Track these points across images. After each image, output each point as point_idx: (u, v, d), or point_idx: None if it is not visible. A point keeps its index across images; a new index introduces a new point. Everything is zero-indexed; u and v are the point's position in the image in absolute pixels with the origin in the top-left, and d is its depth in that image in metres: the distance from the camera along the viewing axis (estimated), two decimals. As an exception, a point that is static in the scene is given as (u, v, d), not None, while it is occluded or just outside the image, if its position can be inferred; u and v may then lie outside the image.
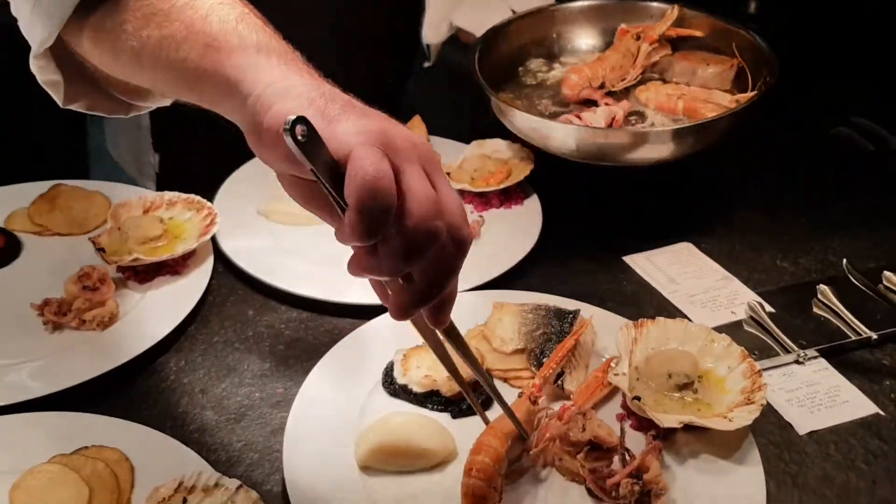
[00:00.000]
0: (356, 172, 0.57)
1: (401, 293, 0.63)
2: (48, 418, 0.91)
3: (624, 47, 1.39)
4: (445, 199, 0.62)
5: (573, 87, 1.35)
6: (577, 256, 1.28)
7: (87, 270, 1.07)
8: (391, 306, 0.65)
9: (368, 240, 0.59)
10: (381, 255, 0.60)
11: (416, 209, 0.59)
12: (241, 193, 1.30)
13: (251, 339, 1.08)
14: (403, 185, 0.60)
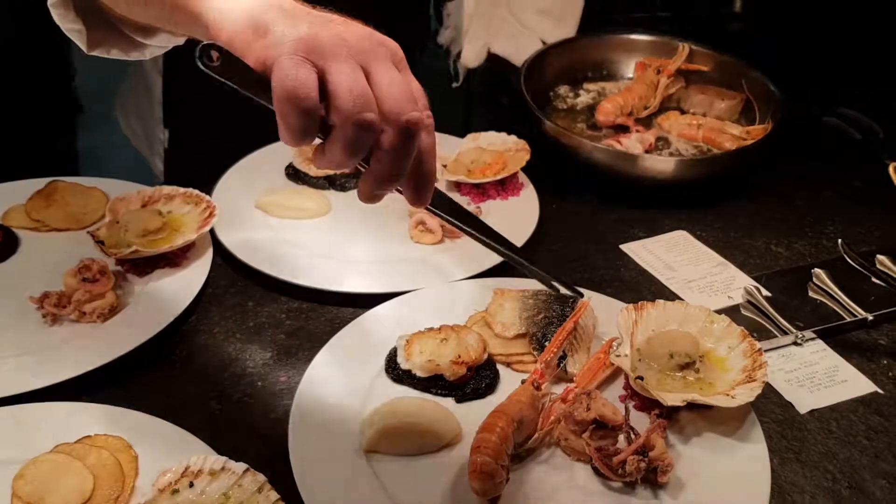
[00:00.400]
0: (274, 85, 0.61)
1: (362, 180, 0.66)
2: (50, 408, 0.90)
3: (647, 79, 1.57)
4: (385, 89, 0.63)
5: (608, 115, 1.52)
6: (575, 245, 1.29)
7: (86, 262, 1.07)
8: (361, 188, 0.67)
9: (301, 142, 0.62)
10: (326, 151, 0.63)
11: (342, 105, 0.61)
12: (238, 188, 1.31)
13: (252, 329, 1.08)
14: (329, 84, 0.62)
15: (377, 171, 0.65)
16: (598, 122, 1.54)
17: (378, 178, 0.65)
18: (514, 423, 0.87)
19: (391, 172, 0.65)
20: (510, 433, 0.86)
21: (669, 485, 0.86)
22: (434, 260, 1.20)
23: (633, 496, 0.86)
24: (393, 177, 0.65)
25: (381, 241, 1.24)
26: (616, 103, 1.53)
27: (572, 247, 1.29)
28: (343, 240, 1.23)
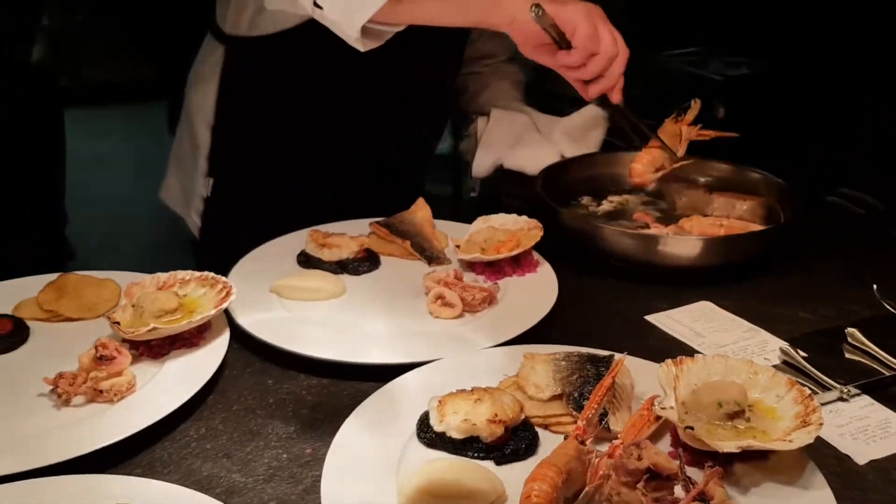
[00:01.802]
0: (580, 34, 1.15)
1: (595, 84, 1.22)
2: (72, 481, 0.84)
3: (669, 131, 1.55)
4: (619, 39, 1.20)
5: (643, 172, 1.53)
6: (598, 318, 1.27)
7: (103, 341, 1.03)
8: (586, 90, 1.23)
9: (583, 61, 1.18)
10: (590, 67, 1.19)
11: (605, 46, 1.18)
12: (251, 275, 1.29)
13: (273, 405, 1.03)
14: (600, 34, 1.17)
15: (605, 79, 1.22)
16: (634, 184, 1.55)
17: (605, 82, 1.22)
18: (564, 475, 0.81)
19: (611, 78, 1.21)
20: (560, 484, 0.80)
21: (735, 536, 0.80)
22: (455, 332, 1.17)
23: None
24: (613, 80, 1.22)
25: (399, 317, 1.21)
26: (645, 160, 1.54)
27: (595, 319, 1.26)
28: (360, 317, 1.20)
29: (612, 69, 1.19)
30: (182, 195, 1.66)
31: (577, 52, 1.16)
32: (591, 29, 1.14)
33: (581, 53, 1.16)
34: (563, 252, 1.39)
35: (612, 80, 1.20)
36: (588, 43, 1.14)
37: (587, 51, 1.16)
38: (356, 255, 1.34)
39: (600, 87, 1.21)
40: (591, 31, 1.14)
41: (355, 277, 1.32)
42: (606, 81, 1.20)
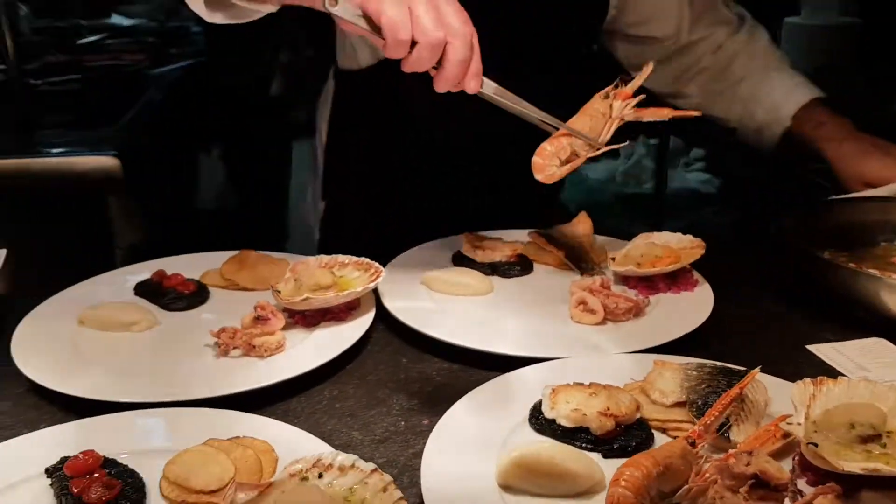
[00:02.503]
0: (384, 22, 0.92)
1: (436, 77, 0.97)
2: (211, 413, 0.95)
3: (593, 110, 1.22)
4: (447, 18, 0.94)
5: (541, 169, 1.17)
6: (754, 341, 1.20)
7: (262, 304, 1.15)
8: (435, 83, 0.97)
9: (403, 54, 0.94)
10: (414, 58, 0.95)
11: (421, 32, 0.93)
12: (405, 268, 1.36)
13: (402, 380, 1.09)
14: (416, 13, 0.93)
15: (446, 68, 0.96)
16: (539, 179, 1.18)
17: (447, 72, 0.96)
18: (661, 467, 0.79)
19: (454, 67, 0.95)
20: (655, 475, 0.78)
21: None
22: (592, 337, 1.17)
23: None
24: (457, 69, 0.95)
25: (539, 318, 1.23)
26: (546, 151, 1.17)
27: (749, 343, 1.20)
28: (500, 314, 1.23)
29: (448, 55, 0.94)
30: (312, 212, 1.75)
31: (388, 45, 0.93)
32: (397, 13, 0.91)
33: (392, 46, 0.93)
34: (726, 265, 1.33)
35: (454, 69, 0.95)
36: (394, 30, 0.91)
37: (396, 41, 0.92)
38: (508, 258, 1.38)
39: (443, 79, 0.96)
40: (398, 16, 0.91)
41: (505, 279, 1.35)
42: (448, 70, 0.95)
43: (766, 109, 1.59)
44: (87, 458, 0.82)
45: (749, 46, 1.63)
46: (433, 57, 0.94)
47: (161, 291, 1.26)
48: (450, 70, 0.95)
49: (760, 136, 1.63)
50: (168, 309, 1.24)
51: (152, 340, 1.16)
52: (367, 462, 0.80)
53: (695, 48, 1.65)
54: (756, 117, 1.61)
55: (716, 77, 1.66)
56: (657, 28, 1.62)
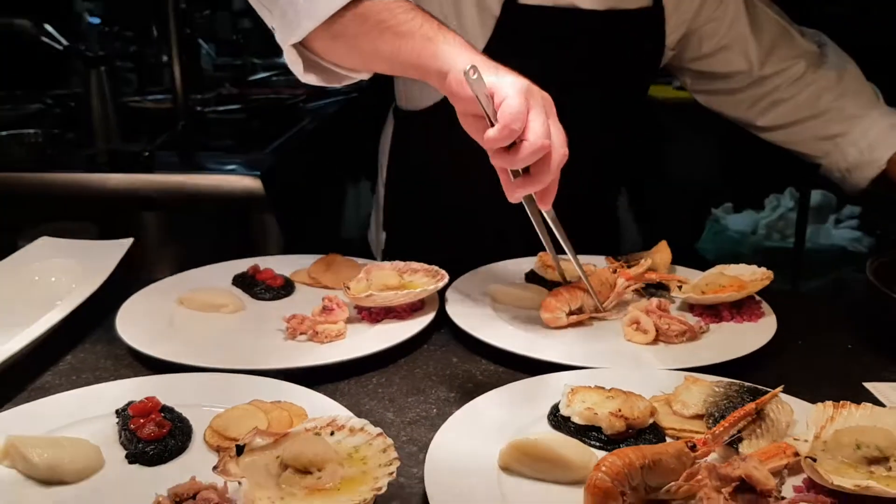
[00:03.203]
0: (505, 108, 0.95)
1: (519, 181, 1.01)
2: (262, 381, 1.06)
3: (600, 276, 1.34)
4: (553, 131, 0.99)
5: (551, 311, 1.28)
6: (809, 373, 1.18)
7: (329, 296, 1.26)
8: (517, 186, 1.00)
9: (505, 143, 0.96)
10: (512, 155, 0.97)
11: (533, 133, 0.96)
12: (477, 281, 1.43)
13: (447, 376, 1.16)
14: (530, 117, 0.96)
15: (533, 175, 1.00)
16: (544, 321, 1.28)
17: (531, 180, 1.00)
18: (648, 461, 0.82)
19: (540, 176, 0.99)
20: (638, 466, 0.81)
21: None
22: (641, 355, 1.19)
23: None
24: (540, 180, 1.00)
25: (592, 333, 1.27)
26: (561, 297, 1.29)
27: (803, 375, 1.18)
28: (556, 329, 1.28)
29: (551, 166, 0.97)
30: (375, 241, 1.84)
31: (498, 127, 0.94)
32: (520, 106, 0.94)
33: (501, 130, 0.94)
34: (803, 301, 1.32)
35: (541, 179, 0.98)
36: (511, 119, 0.93)
37: (508, 129, 0.94)
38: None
39: (526, 184, 1.00)
40: (519, 109, 0.94)
41: (571, 297, 1.40)
42: (535, 179, 0.99)
43: (860, 150, 1.55)
44: (147, 402, 0.95)
45: (839, 84, 1.59)
46: (533, 159, 0.96)
47: (253, 283, 1.41)
48: (539, 178, 0.98)
49: (849, 176, 1.58)
50: (256, 298, 1.39)
51: (236, 321, 1.31)
52: (375, 427, 0.88)
53: (770, 80, 1.61)
54: (848, 157, 1.57)
55: (797, 110, 1.62)
56: (724, 64, 1.61)
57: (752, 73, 1.61)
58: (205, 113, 2.95)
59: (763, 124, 1.66)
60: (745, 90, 1.65)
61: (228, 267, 1.49)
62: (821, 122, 1.61)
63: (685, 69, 1.69)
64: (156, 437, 0.91)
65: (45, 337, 1.16)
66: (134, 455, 0.90)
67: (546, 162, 0.97)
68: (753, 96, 1.65)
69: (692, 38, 1.60)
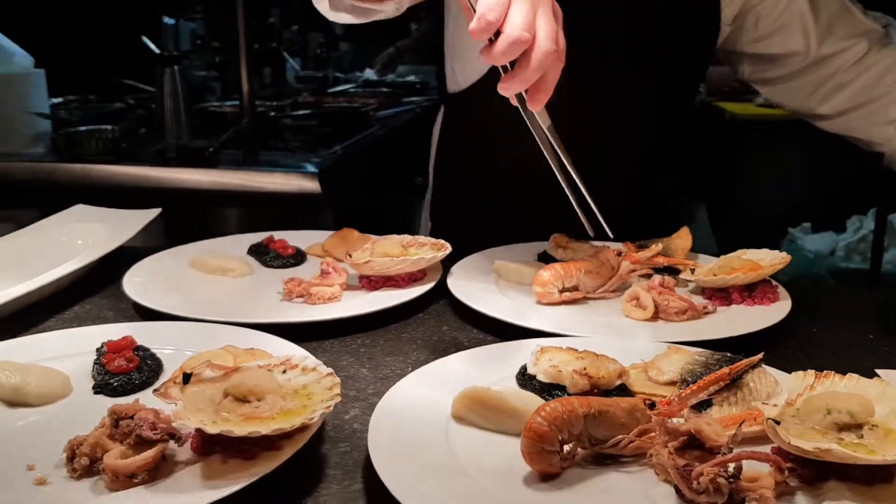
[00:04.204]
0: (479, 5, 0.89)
1: (504, 77, 0.91)
2: (244, 331, 1.08)
3: (604, 258, 1.30)
4: (539, 24, 0.88)
5: (544, 284, 1.24)
6: (819, 356, 1.12)
7: (327, 261, 1.28)
8: (502, 81, 0.91)
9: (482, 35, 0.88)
10: (494, 49, 0.89)
11: (510, 24, 0.87)
12: (487, 258, 1.42)
13: (433, 342, 1.15)
14: (511, 7, 0.88)
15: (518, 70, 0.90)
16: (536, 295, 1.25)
17: (517, 74, 0.90)
18: (594, 411, 0.79)
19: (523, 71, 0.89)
20: (581, 415, 0.78)
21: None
22: (635, 331, 1.15)
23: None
24: (525, 75, 0.89)
25: (590, 307, 1.24)
26: (556, 272, 1.25)
27: (811, 356, 1.12)
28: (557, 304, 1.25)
29: (531, 61, 0.88)
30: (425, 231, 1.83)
31: (475, 18, 0.87)
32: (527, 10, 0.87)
33: (477, 20, 0.87)
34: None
35: (523, 76, 0.89)
36: (486, 9, 0.86)
37: (483, 20, 0.86)
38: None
39: (508, 79, 0.91)
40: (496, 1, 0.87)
41: (579, 277, 1.37)
42: (516, 75, 0.90)
43: None
44: (123, 341, 0.98)
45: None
46: (512, 52, 0.89)
47: (265, 251, 1.44)
48: (520, 73, 0.90)
49: None
50: (266, 265, 1.41)
51: (240, 284, 1.34)
52: (327, 367, 0.88)
53: (830, 62, 1.53)
54: None
55: (858, 94, 1.53)
56: (781, 44, 1.54)
57: (810, 53, 1.53)
58: (278, 118, 3.06)
59: (824, 112, 1.58)
60: (805, 74, 1.57)
61: (249, 238, 1.53)
62: (883, 104, 1.52)
63: (742, 55, 1.62)
64: (122, 370, 0.93)
65: (53, 288, 1.22)
66: (99, 386, 0.93)
67: (526, 56, 0.88)
68: (814, 81, 1.57)
69: (748, 18, 1.55)
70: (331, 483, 0.80)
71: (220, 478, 0.73)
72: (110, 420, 0.78)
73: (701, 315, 1.20)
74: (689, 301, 1.19)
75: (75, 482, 0.75)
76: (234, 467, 0.75)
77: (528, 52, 0.88)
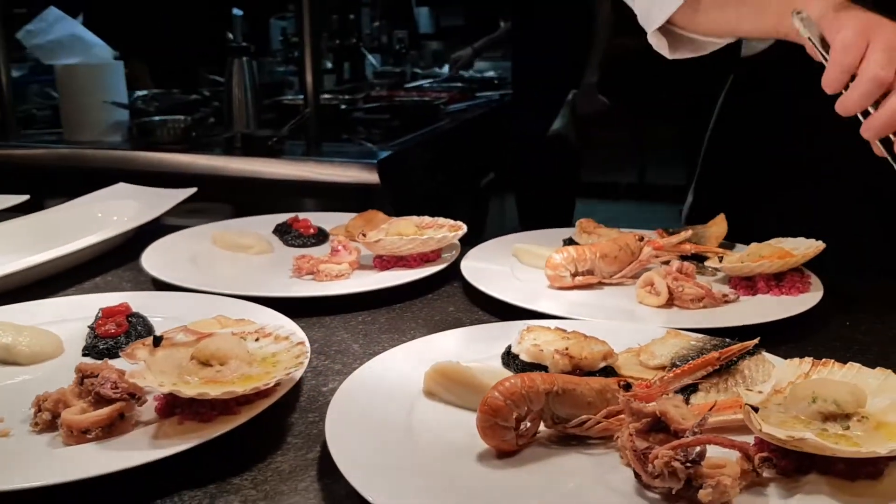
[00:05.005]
0: (836, 43, 0.91)
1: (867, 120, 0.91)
2: (240, 303, 1.09)
3: (623, 242, 1.26)
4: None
5: (555, 268, 1.21)
6: (834, 351, 1.04)
7: (339, 239, 1.27)
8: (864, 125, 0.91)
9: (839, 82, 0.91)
10: (850, 94, 0.90)
11: (867, 66, 0.89)
12: (507, 243, 1.38)
13: (435, 321, 1.13)
14: (869, 49, 0.89)
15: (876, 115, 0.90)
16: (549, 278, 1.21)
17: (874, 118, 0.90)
18: (557, 388, 0.75)
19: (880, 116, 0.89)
20: (543, 392, 0.75)
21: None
22: (648, 316, 1.10)
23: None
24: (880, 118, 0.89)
25: (604, 292, 1.20)
26: (568, 256, 1.21)
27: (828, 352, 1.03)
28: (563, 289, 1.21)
29: (890, 101, 0.88)
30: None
31: (829, 65, 0.90)
32: (852, 37, 0.89)
33: (833, 67, 0.90)
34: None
35: (887, 117, 0.88)
36: (841, 54, 0.89)
37: (839, 64, 0.90)
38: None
39: (873, 123, 0.89)
40: (852, 40, 0.89)
41: (598, 263, 1.32)
42: (880, 117, 0.89)
43: None
44: (119, 307, 1.00)
45: None
46: (872, 94, 0.89)
47: (288, 230, 1.45)
48: (883, 117, 0.88)
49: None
50: (287, 244, 1.43)
51: (257, 261, 1.35)
52: (299, 337, 0.87)
53: None
54: None
55: None
56: None
57: None
58: (349, 111, 3.10)
59: None
60: None
61: (277, 218, 1.54)
62: None
63: None
64: (110, 334, 0.95)
65: (76, 259, 1.26)
66: (87, 348, 0.95)
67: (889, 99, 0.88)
68: None
69: None
70: (289, 451, 0.79)
71: (171, 438, 0.73)
72: (77, 378, 0.79)
73: (719, 303, 1.13)
74: (707, 288, 1.13)
75: (36, 436, 0.76)
76: (189, 429, 0.75)
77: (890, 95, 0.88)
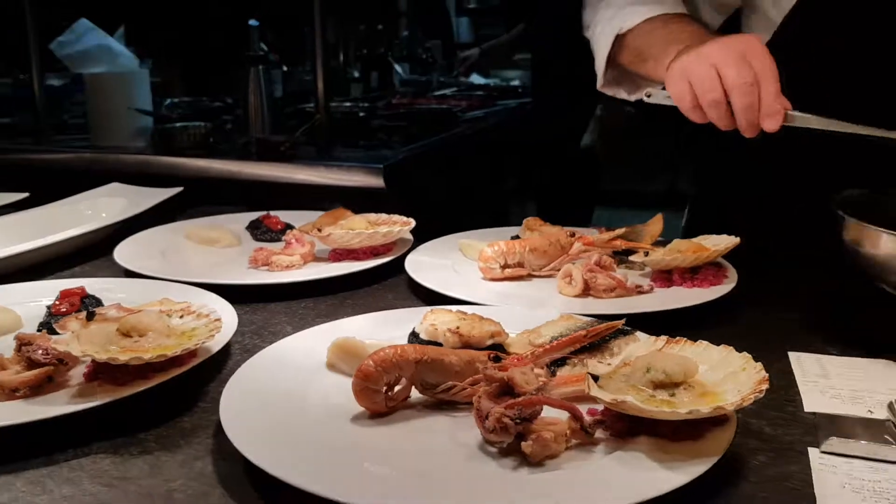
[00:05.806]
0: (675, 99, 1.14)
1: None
2: (186, 288, 1.19)
3: (554, 237, 1.35)
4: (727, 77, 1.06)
5: (486, 260, 1.31)
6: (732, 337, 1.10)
7: (294, 234, 1.38)
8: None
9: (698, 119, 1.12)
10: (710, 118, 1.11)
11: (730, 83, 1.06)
12: (466, 238, 1.48)
13: (369, 309, 1.21)
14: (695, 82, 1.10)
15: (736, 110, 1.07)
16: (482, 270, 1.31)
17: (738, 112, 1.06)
18: (427, 358, 0.85)
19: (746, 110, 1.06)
20: (412, 360, 0.84)
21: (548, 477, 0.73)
22: (563, 304, 1.19)
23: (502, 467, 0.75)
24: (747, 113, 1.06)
25: (532, 284, 1.29)
26: (498, 248, 1.31)
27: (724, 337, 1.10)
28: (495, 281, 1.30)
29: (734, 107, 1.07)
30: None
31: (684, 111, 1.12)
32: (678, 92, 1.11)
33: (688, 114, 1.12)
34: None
35: (740, 117, 1.07)
36: (680, 101, 1.11)
37: (687, 110, 1.11)
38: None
39: (740, 127, 1.08)
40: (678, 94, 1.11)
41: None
42: (738, 120, 1.07)
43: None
44: (76, 290, 1.12)
45: None
46: (719, 114, 1.08)
47: (259, 226, 1.56)
48: (739, 119, 1.07)
49: None
50: (256, 239, 1.54)
51: (224, 253, 1.47)
52: (217, 314, 0.98)
53: None
54: None
55: None
56: None
57: None
58: (368, 118, 3.21)
59: None
60: None
61: (251, 216, 1.65)
62: None
63: None
64: (63, 313, 1.07)
65: (56, 250, 1.39)
66: (42, 324, 1.07)
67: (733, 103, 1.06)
68: None
69: None
70: (196, 413, 0.89)
71: (87, 397, 0.85)
72: (16, 345, 0.91)
73: (632, 293, 1.21)
74: (619, 279, 1.21)
75: (-24, 394, 0.88)
76: (104, 391, 0.86)
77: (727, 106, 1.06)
